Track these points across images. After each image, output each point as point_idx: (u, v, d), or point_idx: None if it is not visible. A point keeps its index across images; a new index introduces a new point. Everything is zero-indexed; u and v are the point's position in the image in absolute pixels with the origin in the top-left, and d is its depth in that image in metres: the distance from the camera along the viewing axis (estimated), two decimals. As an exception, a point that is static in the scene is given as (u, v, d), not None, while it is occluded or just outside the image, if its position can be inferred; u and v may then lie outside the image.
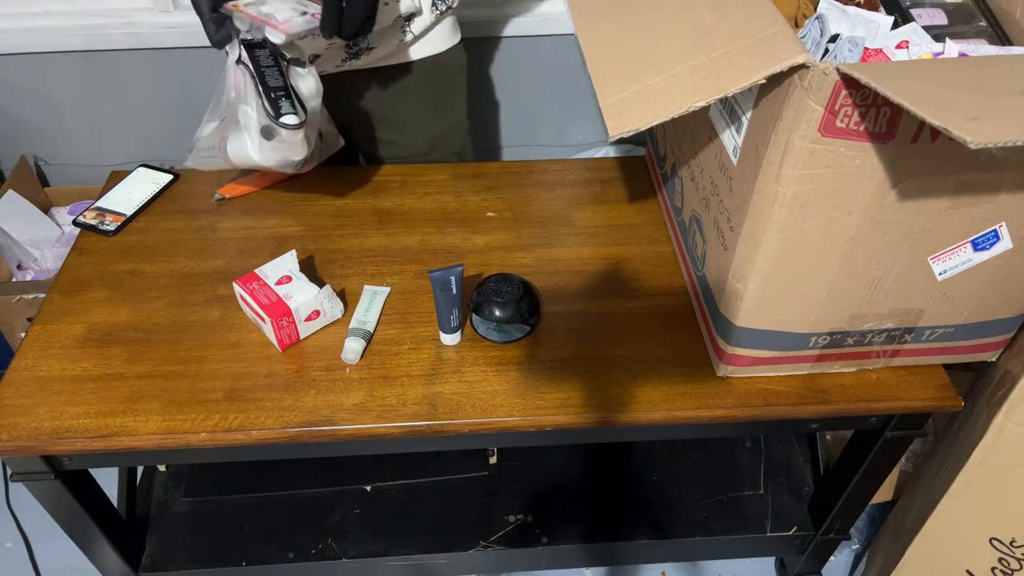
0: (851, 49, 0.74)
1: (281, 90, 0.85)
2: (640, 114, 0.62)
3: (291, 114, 0.85)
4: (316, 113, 0.92)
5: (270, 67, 0.84)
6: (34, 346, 0.91)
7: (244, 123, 0.85)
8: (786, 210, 0.69)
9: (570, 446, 1.30)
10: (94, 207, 1.09)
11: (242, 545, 1.16)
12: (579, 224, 1.08)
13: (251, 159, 0.87)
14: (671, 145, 1.02)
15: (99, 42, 1.54)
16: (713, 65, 0.62)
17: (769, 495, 1.23)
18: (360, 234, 1.06)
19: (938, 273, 0.76)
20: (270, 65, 0.84)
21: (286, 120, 0.85)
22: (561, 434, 0.89)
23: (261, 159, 0.87)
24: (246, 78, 0.84)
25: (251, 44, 0.84)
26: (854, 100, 0.60)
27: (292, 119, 0.85)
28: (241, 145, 0.86)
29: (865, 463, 1.00)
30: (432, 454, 1.27)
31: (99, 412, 0.84)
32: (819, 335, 0.82)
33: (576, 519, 1.21)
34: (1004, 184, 0.68)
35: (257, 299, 0.88)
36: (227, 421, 0.83)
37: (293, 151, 0.89)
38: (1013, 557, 1.00)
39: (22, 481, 0.89)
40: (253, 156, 0.87)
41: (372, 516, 1.20)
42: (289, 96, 0.86)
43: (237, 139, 0.87)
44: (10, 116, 1.66)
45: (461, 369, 0.89)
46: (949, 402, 0.86)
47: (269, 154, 0.88)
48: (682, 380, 0.87)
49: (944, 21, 0.81)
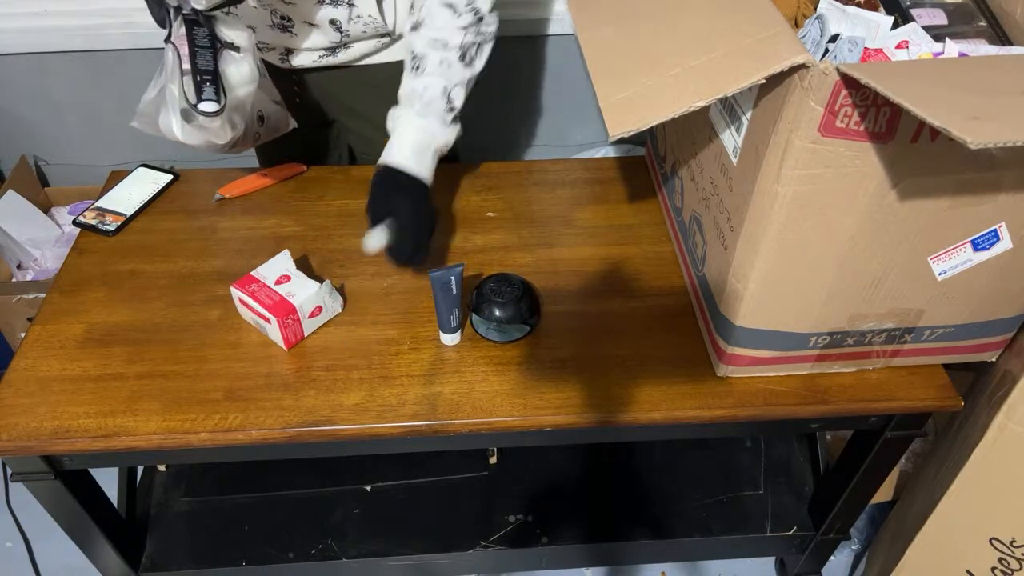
0: (851, 49, 0.74)
1: (208, 73, 0.84)
2: (640, 114, 0.62)
3: (211, 100, 0.84)
4: (245, 100, 0.91)
5: (204, 48, 0.84)
6: (34, 346, 0.91)
7: (170, 102, 0.85)
8: (786, 210, 0.69)
9: (570, 446, 1.30)
10: (94, 207, 1.09)
11: (242, 545, 1.16)
12: (579, 224, 1.08)
13: (175, 137, 0.87)
14: (671, 145, 1.02)
15: (99, 42, 1.54)
16: (713, 65, 0.62)
17: (769, 495, 1.23)
18: (360, 234, 1.06)
19: (938, 273, 0.76)
20: (205, 46, 0.83)
21: (203, 107, 0.84)
22: (561, 434, 0.89)
23: (184, 138, 0.87)
24: (174, 57, 0.83)
25: (192, 22, 0.83)
26: (854, 100, 0.60)
27: (210, 106, 0.85)
28: (167, 122, 0.87)
29: (865, 463, 1.00)
30: (432, 454, 1.27)
31: (99, 412, 0.84)
32: (819, 335, 0.82)
33: (576, 519, 1.21)
34: (1004, 184, 0.68)
35: (259, 300, 0.88)
36: (227, 421, 0.83)
37: (214, 136, 0.89)
38: (1013, 557, 1.00)
39: (22, 481, 0.89)
40: (177, 135, 0.87)
41: (372, 516, 1.20)
42: (215, 81, 0.85)
43: (165, 115, 0.87)
44: (10, 116, 1.66)
45: (461, 369, 0.89)
46: (949, 402, 0.86)
47: (191, 135, 0.87)
48: (682, 380, 0.87)
49: (944, 21, 0.81)
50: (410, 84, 0.94)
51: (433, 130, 0.95)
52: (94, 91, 1.62)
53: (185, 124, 0.86)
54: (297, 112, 1.07)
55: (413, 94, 0.94)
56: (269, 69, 0.99)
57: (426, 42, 0.92)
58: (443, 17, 0.91)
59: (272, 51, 1.07)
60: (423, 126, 0.94)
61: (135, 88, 1.61)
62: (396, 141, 0.94)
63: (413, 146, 0.94)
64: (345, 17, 0.99)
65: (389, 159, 0.93)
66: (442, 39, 0.92)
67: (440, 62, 0.92)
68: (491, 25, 0.95)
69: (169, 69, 0.84)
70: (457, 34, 0.92)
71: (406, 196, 0.92)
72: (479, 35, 0.94)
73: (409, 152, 0.93)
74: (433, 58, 0.92)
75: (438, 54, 0.92)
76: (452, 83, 0.94)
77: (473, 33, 0.93)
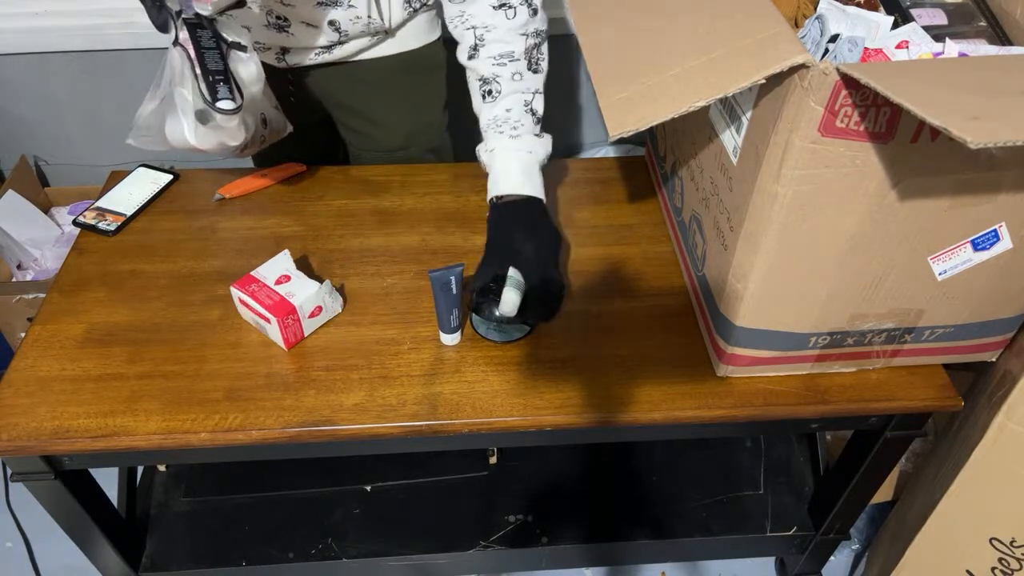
0: (851, 49, 0.74)
1: (220, 74, 0.84)
2: (640, 114, 0.62)
3: (227, 99, 0.85)
4: (256, 99, 0.91)
5: (211, 49, 0.83)
6: (34, 346, 0.91)
7: (180, 106, 0.85)
8: (786, 210, 0.69)
9: (570, 446, 1.30)
10: (94, 207, 1.09)
11: (242, 545, 1.16)
12: (579, 224, 1.08)
13: (187, 142, 0.87)
14: (671, 145, 1.02)
15: (99, 42, 1.54)
16: (713, 65, 0.62)
17: (769, 495, 1.23)
18: (360, 234, 1.06)
19: (938, 273, 0.76)
20: (211, 48, 0.83)
21: (222, 105, 0.84)
22: (561, 434, 0.89)
23: (197, 142, 0.87)
24: (183, 60, 0.83)
25: (194, 25, 0.83)
26: (854, 100, 0.60)
27: (228, 104, 0.85)
28: (177, 128, 0.86)
29: (865, 463, 1.00)
30: (432, 454, 1.27)
31: (99, 412, 0.84)
32: (819, 335, 0.82)
33: (576, 519, 1.21)
34: (1004, 184, 0.68)
35: (259, 300, 0.88)
36: (227, 421, 0.83)
37: (229, 136, 0.89)
38: (1013, 557, 1.00)
39: (22, 481, 0.89)
40: (189, 139, 0.86)
41: (372, 516, 1.20)
42: (228, 80, 0.85)
43: (174, 121, 0.86)
44: (10, 116, 1.66)
45: (461, 369, 0.89)
46: (949, 402, 0.86)
47: (204, 138, 0.87)
48: (682, 380, 0.87)
49: (944, 21, 0.81)
50: (491, 112, 0.94)
51: (530, 147, 0.95)
52: (94, 91, 1.62)
53: (199, 127, 0.86)
54: (291, 111, 1.07)
55: (497, 121, 0.94)
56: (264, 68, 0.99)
57: (492, 61, 0.91)
58: (500, 23, 0.90)
59: (268, 51, 1.07)
60: (520, 146, 0.94)
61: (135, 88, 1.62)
62: (501, 172, 0.94)
63: (520, 171, 0.94)
64: (344, 18, 0.99)
65: (499, 191, 0.93)
66: (507, 52, 0.91)
67: (512, 76, 0.92)
68: (544, 22, 0.94)
69: (178, 73, 0.84)
70: (519, 40, 0.91)
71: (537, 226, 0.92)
72: (538, 36, 0.94)
73: (518, 180, 0.93)
74: (504, 75, 0.92)
75: (508, 70, 0.92)
76: (530, 93, 0.94)
77: (533, 35, 0.93)
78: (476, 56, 0.92)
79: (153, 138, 0.90)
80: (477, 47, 0.92)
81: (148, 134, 0.89)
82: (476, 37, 0.92)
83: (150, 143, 0.90)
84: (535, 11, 0.92)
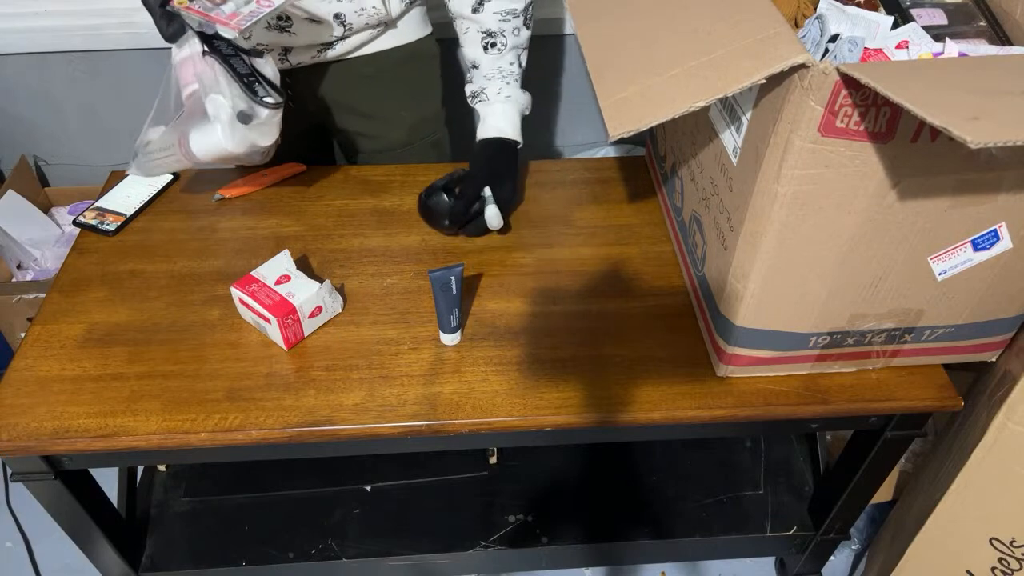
0: (851, 49, 0.74)
1: (251, 76, 0.88)
2: (640, 114, 0.62)
3: (269, 95, 0.89)
4: None
5: (232, 56, 0.87)
6: (34, 346, 0.91)
7: (214, 113, 0.86)
8: (786, 210, 0.69)
9: (570, 446, 1.30)
10: (94, 207, 1.09)
11: (242, 545, 1.16)
12: (579, 224, 1.08)
13: (221, 148, 0.89)
14: (671, 145, 1.02)
15: (99, 42, 1.54)
16: (713, 65, 0.62)
17: (769, 495, 1.23)
18: (360, 234, 1.06)
19: (938, 273, 0.76)
20: (232, 54, 0.87)
21: (268, 100, 0.88)
22: (561, 434, 0.89)
23: (233, 146, 0.89)
24: (215, 68, 0.85)
25: (207, 36, 0.85)
26: (854, 100, 0.60)
27: (272, 99, 0.89)
28: (208, 136, 0.88)
29: (865, 463, 1.00)
30: (432, 454, 1.27)
31: (99, 412, 0.84)
32: (819, 335, 0.82)
33: (576, 519, 1.21)
34: (1004, 184, 0.68)
35: (259, 300, 0.88)
36: (227, 421, 0.83)
37: (265, 135, 0.92)
38: (1013, 557, 1.00)
39: (22, 481, 0.89)
40: (225, 145, 0.88)
41: (372, 516, 1.20)
42: (259, 80, 0.89)
43: (203, 131, 0.87)
44: (10, 116, 1.66)
45: (461, 369, 0.89)
46: (949, 402, 0.86)
47: (240, 140, 0.89)
48: (682, 380, 0.87)
49: (944, 21, 0.81)
50: (495, 63, 1.02)
51: (518, 96, 1.05)
52: (94, 91, 1.62)
53: (235, 130, 0.88)
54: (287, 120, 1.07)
55: (502, 72, 1.03)
56: None
57: (499, 17, 0.99)
58: None
59: (270, 52, 1.07)
60: (521, 98, 1.06)
61: (135, 88, 1.62)
62: (507, 116, 1.04)
63: (520, 118, 1.05)
64: (349, 10, 0.99)
65: (495, 132, 1.04)
66: (511, 8, 0.99)
67: (514, 31, 1.00)
68: None
69: (209, 82, 0.86)
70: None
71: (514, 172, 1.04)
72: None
73: (514, 123, 1.04)
74: (508, 30, 1.00)
75: (511, 24, 0.99)
76: (521, 48, 1.04)
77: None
78: (481, 10, 0.99)
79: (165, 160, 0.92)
80: (483, 1, 0.98)
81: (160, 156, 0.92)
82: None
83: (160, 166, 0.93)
84: None
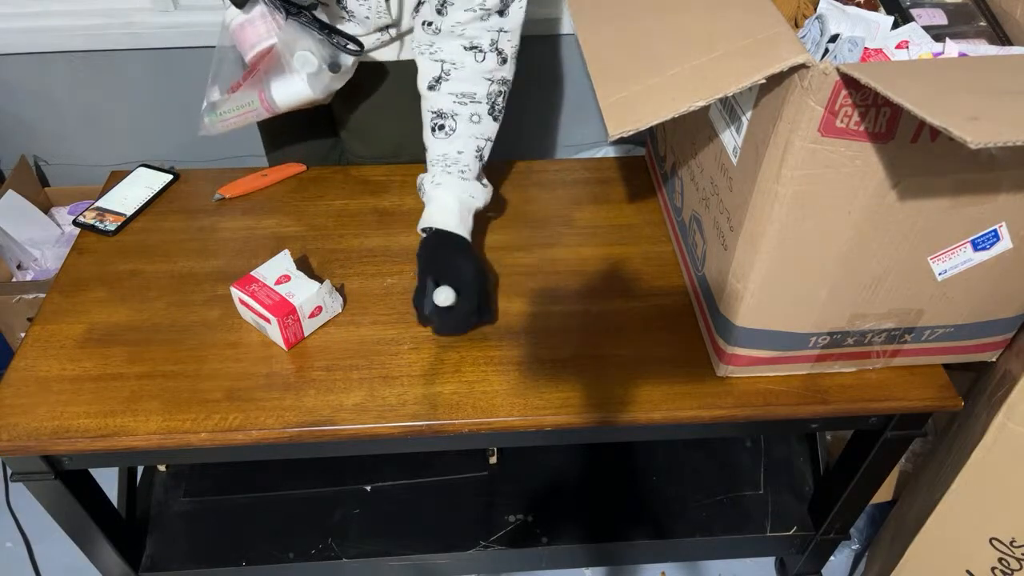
0: (851, 49, 0.74)
1: (325, 27, 0.92)
2: (640, 114, 0.62)
3: (350, 44, 0.94)
4: None
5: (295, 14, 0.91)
6: (34, 346, 0.91)
7: (300, 66, 0.91)
8: (786, 210, 0.69)
9: (570, 446, 1.30)
10: (94, 207, 1.09)
11: (242, 545, 1.16)
12: (579, 224, 1.08)
13: (306, 96, 0.94)
14: (671, 145, 1.02)
15: (99, 42, 1.54)
16: (713, 65, 0.62)
17: (769, 495, 1.23)
18: (360, 234, 1.06)
19: (938, 273, 0.76)
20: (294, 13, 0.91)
21: (350, 47, 0.94)
22: (561, 434, 0.89)
23: (314, 93, 0.94)
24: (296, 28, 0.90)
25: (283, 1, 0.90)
26: (854, 100, 0.60)
27: (353, 46, 0.94)
28: (292, 87, 0.94)
29: (865, 463, 1.00)
30: (432, 454, 1.27)
31: (99, 412, 0.84)
32: (819, 335, 0.82)
33: (576, 519, 1.21)
34: (1004, 184, 0.68)
35: (259, 300, 0.88)
36: (227, 421, 0.83)
37: (343, 78, 0.97)
38: (1013, 557, 1.00)
39: (22, 481, 0.89)
40: (308, 92, 0.94)
41: (372, 516, 1.20)
42: (335, 32, 0.93)
43: (287, 83, 0.93)
44: (10, 116, 1.66)
45: (461, 369, 0.89)
46: (949, 402, 0.86)
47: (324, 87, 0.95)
48: (682, 380, 0.87)
49: (944, 21, 0.81)
50: (442, 147, 0.93)
51: (474, 192, 0.96)
52: (94, 91, 1.62)
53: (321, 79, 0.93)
54: None
55: (447, 159, 0.93)
56: None
57: (453, 98, 0.91)
58: (468, 64, 0.90)
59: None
60: (466, 189, 0.95)
61: (135, 88, 1.62)
62: (440, 206, 0.94)
63: (460, 211, 0.94)
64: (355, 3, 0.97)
65: (435, 224, 0.93)
66: (469, 92, 0.91)
67: (471, 117, 0.92)
68: (512, 72, 0.94)
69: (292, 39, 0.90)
70: (483, 84, 0.91)
71: (466, 257, 0.92)
72: (503, 84, 0.94)
73: (456, 219, 0.93)
74: (463, 115, 0.92)
75: (467, 109, 0.92)
76: (483, 140, 0.94)
77: (499, 83, 0.93)
78: (437, 88, 0.93)
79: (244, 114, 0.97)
80: (441, 80, 0.92)
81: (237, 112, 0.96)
82: (442, 70, 0.92)
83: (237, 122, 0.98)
84: (505, 60, 0.92)
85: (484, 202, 0.98)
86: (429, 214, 0.95)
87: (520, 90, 1.68)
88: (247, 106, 0.96)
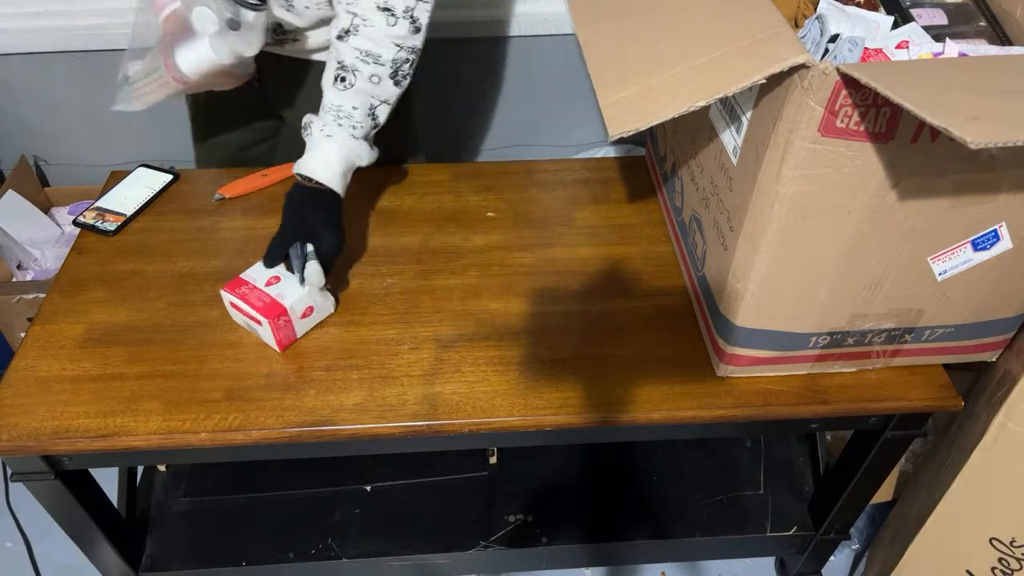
0: (851, 49, 0.74)
1: None
2: (640, 114, 0.62)
3: None
4: None
5: None
6: (34, 346, 0.91)
7: (200, 26, 0.88)
8: (786, 210, 0.69)
9: (570, 446, 1.30)
10: (94, 207, 1.09)
11: (242, 545, 1.16)
12: (579, 224, 1.08)
13: (210, 61, 0.90)
14: (671, 145, 1.02)
15: (99, 42, 1.54)
16: (713, 65, 0.62)
17: (769, 495, 1.23)
18: (360, 234, 1.06)
19: (938, 273, 0.76)
20: None
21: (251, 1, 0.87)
22: (561, 434, 0.89)
23: (218, 57, 0.89)
24: None
25: None
26: (854, 100, 0.60)
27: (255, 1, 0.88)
28: (195, 51, 0.89)
29: (865, 463, 1.00)
30: (432, 454, 1.27)
31: (99, 412, 0.84)
32: (819, 335, 0.82)
33: (576, 519, 1.21)
34: (1004, 184, 0.68)
35: (250, 302, 0.87)
36: (227, 421, 0.83)
37: (251, 43, 0.91)
38: (1013, 557, 1.00)
39: (22, 481, 0.89)
40: (213, 56, 0.89)
41: (372, 516, 1.20)
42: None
43: (189, 47, 0.89)
44: (10, 116, 1.66)
45: (461, 369, 0.89)
46: (949, 402, 0.86)
47: (228, 51, 0.90)
48: (682, 380, 0.87)
49: (944, 21, 0.81)
50: (338, 99, 0.91)
51: (360, 151, 0.94)
52: (94, 91, 1.62)
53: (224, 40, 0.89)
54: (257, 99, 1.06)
55: (342, 111, 0.91)
56: None
57: (357, 53, 0.89)
58: (379, 24, 0.88)
59: None
60: (353, 148, 0.93)
61: (135, 88, 1.61)
62: (325, 160, 0.91)
63: (342, 166, 0.92)
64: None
65: (317, 176, 0.91)
66: (375, 52, 0.89)
67: (370, 77, 0.90)
68: (421, 42, 0.92)
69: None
70: (390, 48, 0.89)
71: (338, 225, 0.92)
72: (412, 52, 0.91)
73: (339, 179, 0.92)
74: (364, 72, 0.90)
75: (369, 69, 0.90)
76: (379, 100, 0.92)
77: (408, 51, 0.91)
78: (345, 39, 0.90)
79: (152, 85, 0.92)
80: (349, 32, 0.89)
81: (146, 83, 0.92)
82: (352, 24, 0.89)
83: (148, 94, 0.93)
84: (418, 29, 0.90)
85: (369, 162, 0.96)
86: (312, 162, 0.92)
87: (520, 90, 1.70)
88: (155, 73, 0.92)
